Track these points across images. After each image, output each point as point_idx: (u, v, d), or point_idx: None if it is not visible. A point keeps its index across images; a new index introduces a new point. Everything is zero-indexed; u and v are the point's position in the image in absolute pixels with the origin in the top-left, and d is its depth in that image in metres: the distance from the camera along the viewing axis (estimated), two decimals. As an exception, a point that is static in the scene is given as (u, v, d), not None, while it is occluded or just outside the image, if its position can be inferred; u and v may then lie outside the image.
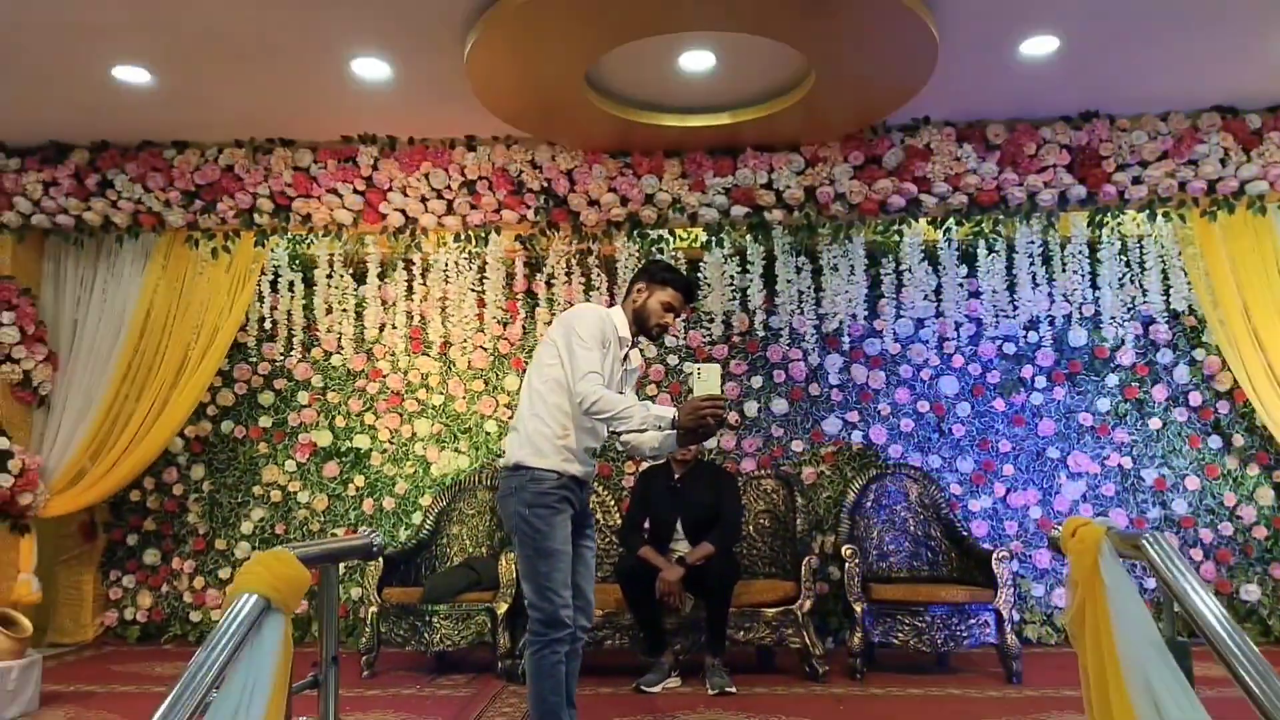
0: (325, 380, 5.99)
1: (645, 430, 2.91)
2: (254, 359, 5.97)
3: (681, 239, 5.41)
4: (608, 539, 5.19)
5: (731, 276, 5.47)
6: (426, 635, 4.75)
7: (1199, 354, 5.56)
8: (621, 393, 3.12)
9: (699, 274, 5.54)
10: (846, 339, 5.64)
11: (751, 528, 5.26)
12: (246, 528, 5.89)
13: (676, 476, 4.74)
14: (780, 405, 5.73)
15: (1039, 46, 4.16)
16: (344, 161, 5.11)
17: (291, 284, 5.74)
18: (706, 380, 2.86)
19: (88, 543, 5.89)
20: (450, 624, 4.75)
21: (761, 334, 5.70)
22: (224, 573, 5.87)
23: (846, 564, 4.69)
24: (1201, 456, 5.53)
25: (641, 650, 4.55)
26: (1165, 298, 5.37)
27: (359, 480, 5.89)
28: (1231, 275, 4.93)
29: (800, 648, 4.58)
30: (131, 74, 4.38)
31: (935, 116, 4.88)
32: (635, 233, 5.12)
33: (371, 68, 4.32)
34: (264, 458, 5.96)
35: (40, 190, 5.16)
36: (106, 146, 5.18)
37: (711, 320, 5.55)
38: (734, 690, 4.24)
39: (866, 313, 5.54)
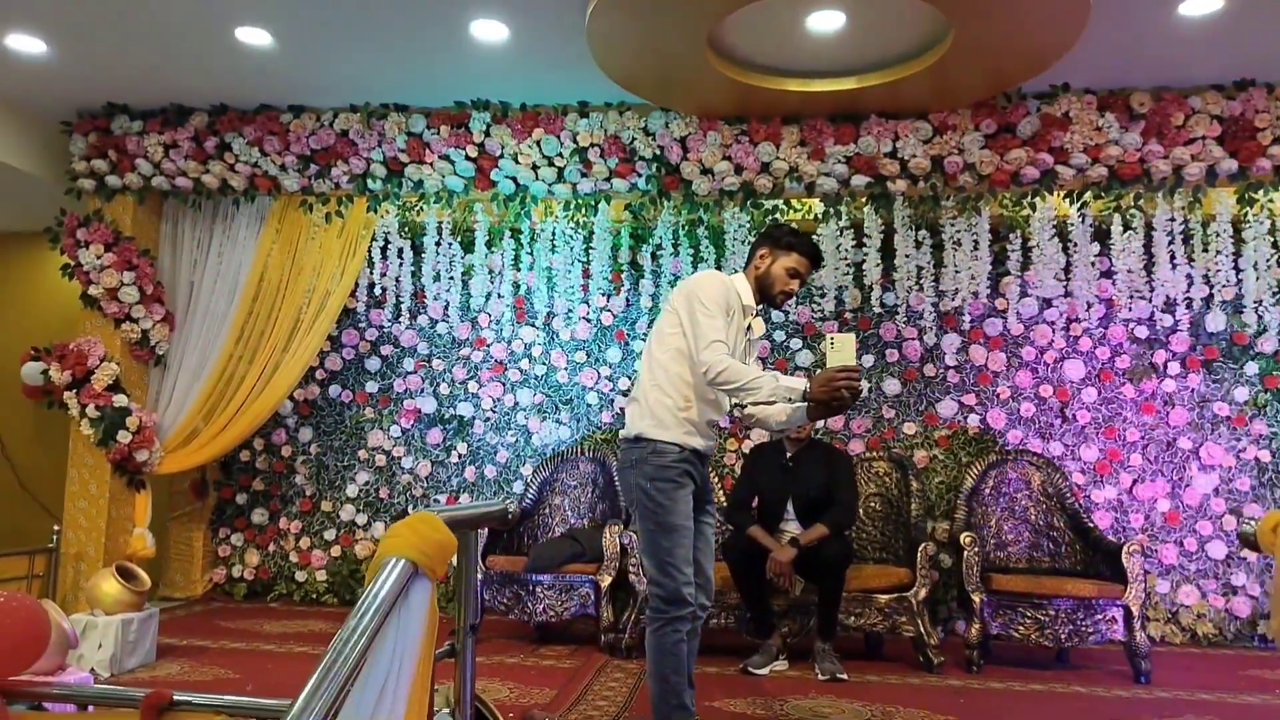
0: (431, 347, 6.01)
1: (774, 403, 2.81)
2: (362, 325, 6.02)
3: (796, 209, 5.23)
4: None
5: (847, 251, 5.27)
6: (530, 605, 4.73)
7: (1352, 342, 5.17)
8: (745, 363, 2.99)
9: (813, 247, 5.35)
10: (966, 318, 5.40)
11: (863, 511, 5.08)
12: (351, 491, 5.96)
13: (789, 455, 4.59)
14: (893, 386, 5.53)
15: (1199, 6, 3.86)
16: (457, 127, 5.07)
17: (401, 251, 5.75)
18: (841, 350, 2.71)
19: (199, 500, 6.05)
20: (554, 594, 4.72)
21: (876, 311, 5.50)
22: (329, 534, 5.96)
23: (965, 552, 4.49)
24: (1351, 452, 5.16)
25: (748, 632, 4.45)
26: (1317, 281, 4.99)
27: (461, 448, 5.91)
28: (1397, 256, 4.55)
29: (913, 636, 4.41)
30: (253, 35, 4.40)
31: (1075, 84, 4.60)
32: (749, 203, 4.96)
33: (490, 30, 4.25)
34: (369, 422, 6.02)
35: (161, 153, 5.25)
36: (225, 110, 5.24)
37: (824, 295, 5.37)
38: (845, 677, 4.10)
39: (989, 291, 5.29)
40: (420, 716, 1.61)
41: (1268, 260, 4.97)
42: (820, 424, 5.39)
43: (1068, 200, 4.98)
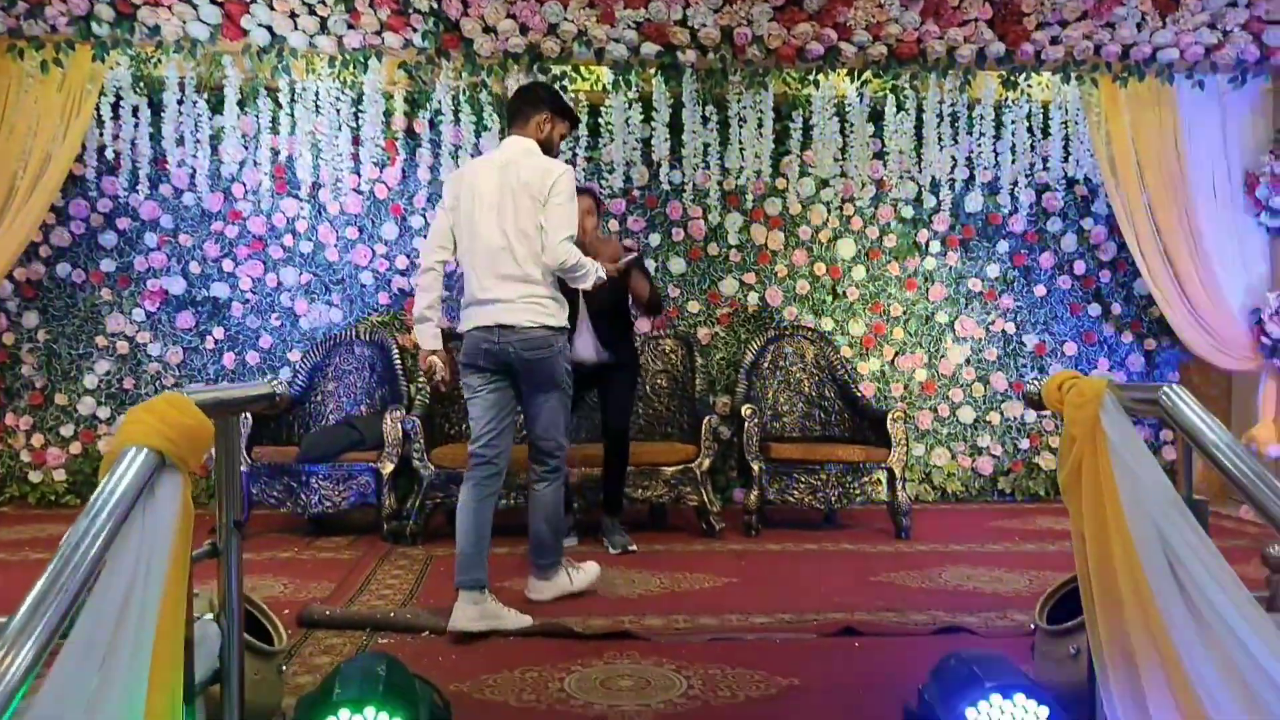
0: (176, 221, 5.37)
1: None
2: (93, 194, 5.27)
3: (585, 78, 5.00)
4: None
5: (635, 126, 5.12)
6: (304, 497, 4.45)
7: (1087, 223, 5.65)
8: None
9: (600, 119, 5.16)
10: (749, 198, 5.43)
11: (649, 388, 5.11)
12: (90, 382, 5.33)
13: None
14: (678, 265, 5.52)
15: (981, -118, 3.90)
16: (198, -36, 4.42)
17: (136, 109, 5.04)
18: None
19: (-100, 397, 5.22)
20: (330, 484, 4.46)
21: (664, 189, 5.42)
22: (66, 430, 5.32)
23: (745, 423, 4.63)
24: (1080, 324, 5.70)
25: None
26: (1063, 166, 5.38)
27: (218, 332, 5.39)
28: (1132, 144, 4.96)
29: (697, 505, 4.53)
30: None
31: (860, -42, 4.60)
32: (535, 67, 4.68)
33: None
34: (107, 305, 5.35)
35: None
36: (-105, -76, 4.30)
37: (611, 172, 5.22)
38: (635, 549, 4.16)
39: (770, 171, 5.33)
40: (176, 623, 1.39)
41: (1024, 144, 5.29)
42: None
43: (848, 79, 5.04)
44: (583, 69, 4.93)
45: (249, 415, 4.37)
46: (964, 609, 3.28)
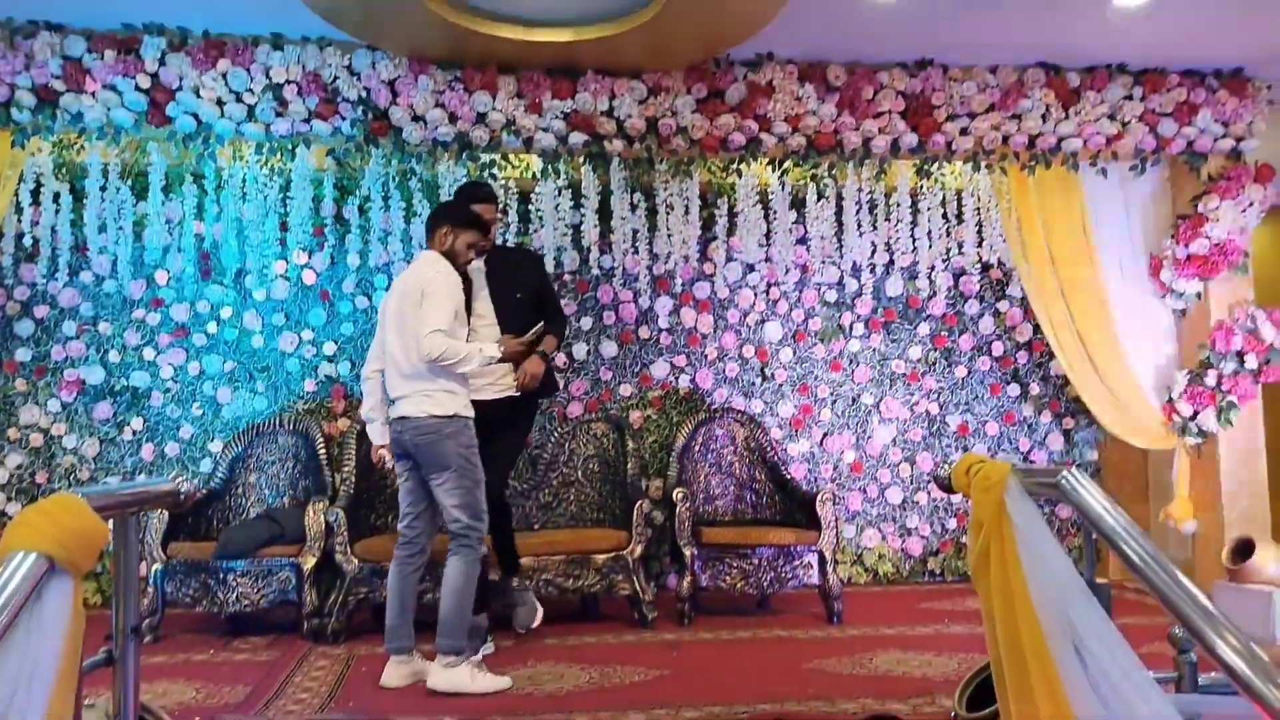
0: (96, 309, 5.25)
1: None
2: (9, 282, 5.15)
3: (514, 166, 5.07)
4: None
5: (565, 212, 5.19)
6: (220, 594, 4.28)
7: (1003, 306, 5.84)
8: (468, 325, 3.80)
9: (530, 206, 5.22)
10: (678, 281, 5.52)
11: (581, 473, 5.08)
12: (0, 476, 5.10)
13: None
14: (610, 348, 5.55)
15: (888, -13, 4.11)
16: (125, 53, 4.40)
17: (57, 195, 4.94)
18: (537, 334, 3.81)
19: None
20: (249, 581, 4.30)
21: (594, 273, 5.48)
22: (-32, 527, 5.08)
23: (677, 508, 4.61)
24: (1001, 404, 5.84)
25: None
26: (977, 250, 5.58)
27: (136, 423, 5.23)
28: (1041, 229, 5.16)
29: (629, 594, 4.47)
30: None
31: (779, 54, 4.78)
32: (464, 155, 4.73)
33: (161, -60, 3.70)
34: (21, 396, 5.17)
35: None
36: None
37: (543, 257, 5.25)
38: (540, 615, 4.04)
39: (698, 255, 5.43)
40: (61, 740, 1.33)
41: (940, 230, 5.48)
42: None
43: (770, 168, 5.20)
44: (512, 157, 5.01)
45: (165, 511, 4.22)
46: (893, 695, 3.26)
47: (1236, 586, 4.42)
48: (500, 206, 4.94)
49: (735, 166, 5.08)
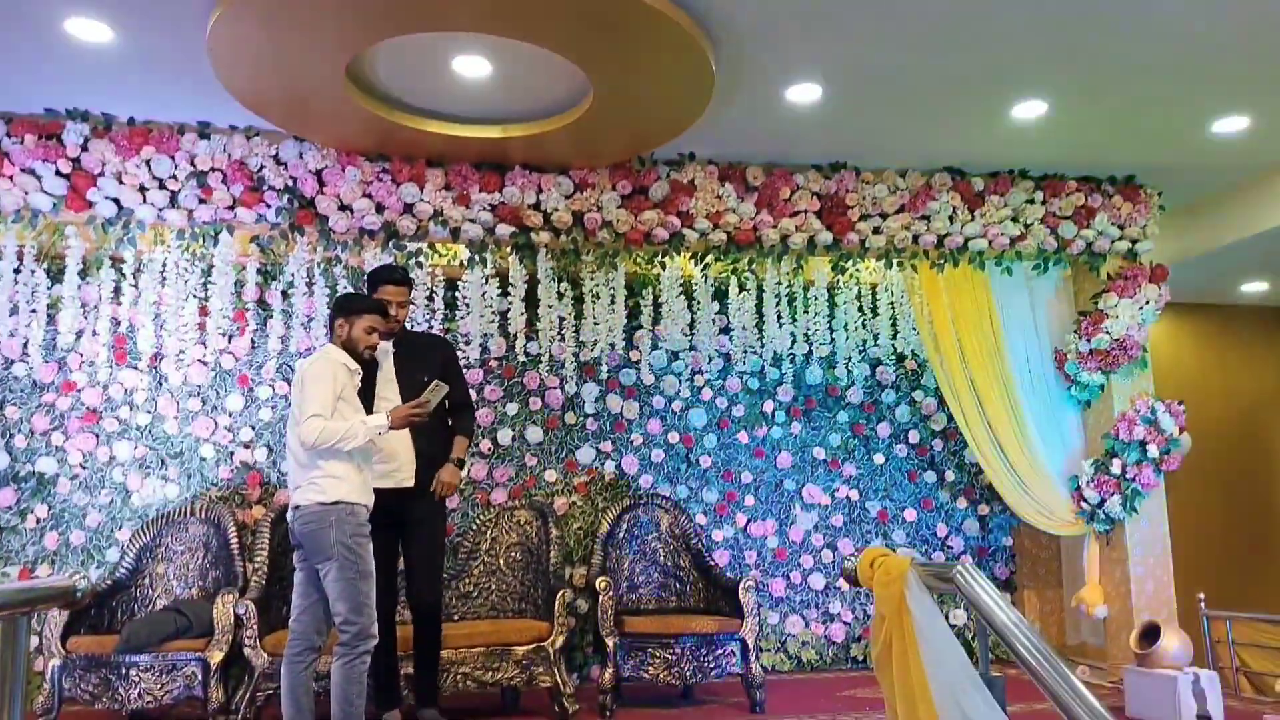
0: (3, 392, 5.09)
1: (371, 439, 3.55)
2: (-93, 363, 4.97)
3: (441, 254, 5.12)
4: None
5: (492, 299, 5.25)
6: (123, 691, 4.10)
7: (918, 395, 6.04)
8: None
9: (457, 293, 5.27)
10: (604, 368, 5.59)
11: (503, 561, 5.02)
12: (-115, 567, 4.85)
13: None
14: (535, 433, 5.56)
15: (804, 94, 4.33)
16: (46, 138, 4.38)
17: (-34, 276, 4.83)
18: (433, 394, 3.66)
19: None
20: (152, 676, 4.13)
21: (520, 360, 5.52)
22: None
23: (600, 596, 4.58)
24: (919, 490, 5.99)
25: (375, 702, 4.07)
26: (892, 342, 5.78)
27: (41, 510, 5.03)
28: (951, 323, 5.38)
29: (550, 686, 4.39)
30: None
31: (700, 154, 4.97)
32: (391, 244, 4.77)
33: (90, 30, 3.71)
34: (-86, 482, 4.95)
35: None
36: None
37: (469, 343, 5.28)
38: None
39: (624, 343, 5.52)
40: None
41: (856, 322, 5.67)
42: (464, 472, 5.19)
43: (693, 261, 5.35)
44: (440, 245, 5.06)
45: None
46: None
47: (1145, 671, 4.54)
48: (426, 292, 4.99)
49: (659, 259, 5.22)
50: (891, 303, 5.70)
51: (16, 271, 4.83)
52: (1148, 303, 5.38)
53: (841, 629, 5.70)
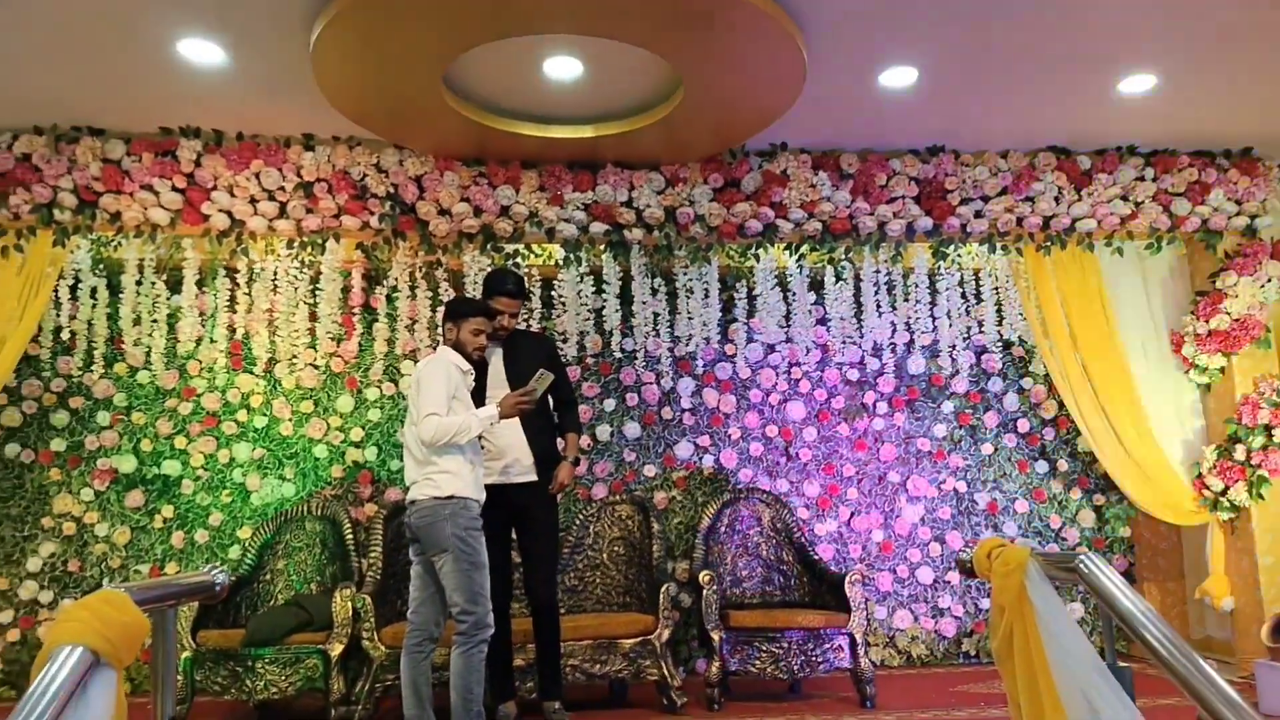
0: (130, 399, 5.37)
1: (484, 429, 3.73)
2: (47, 374, 5.28)
3: (537, 254, 5.20)
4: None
5: (587, 297, 5.30)
6: (249, 682, 4.28)
7: (1027, 383, 5.85)
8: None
9: (553, 292, 5.34)
10: (699, 363, 5.59)
11: (605, 556, 5.07)
12: (34, 565, 5.17)
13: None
14: (633, 429, 5.59)
15: (899, 78, 4.25)
16: (162, 155, 4.61)
17: (94, 290, 5.11)
18: (540, 382, 3.73)
19: None
20: (277, 669, 4.30)
21: (616, 356, 5.56)
22: (5, 616, 5.12)
23: (704, 590, 4.58)
24: (1030, 481, 5.81)
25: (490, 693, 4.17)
26: (998, 329, 5.62)
27: (167, 510, 5.30)
28: (1060, 308, 5.19)
29: (657, 679, 4.42)
30: (-95, 39, 3.77)
31: (792, 143, 4.92)
32: (489, 246, 4.87)
33: (202, 51, 3.90)
34: (56, 485, 5.27)
35: None
36: None
37: (565, 340, 5.35)
38: None
39: (719, 337, 5.50)
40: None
41: (959, 309, 5.53)
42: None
43: (787, 252, 5.30)
44: (535, 246, 5.14)
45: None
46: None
47: (1278, 665, 4.31)
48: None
49: (753, 251, 5.18)
50: (996, 288, 5.53)
51: (138, 284, 5.10)
52: (1269, 280, 5.10)
53: (952, 624, 5.57)
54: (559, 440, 4.21)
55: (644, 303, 5.26)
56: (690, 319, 5.30)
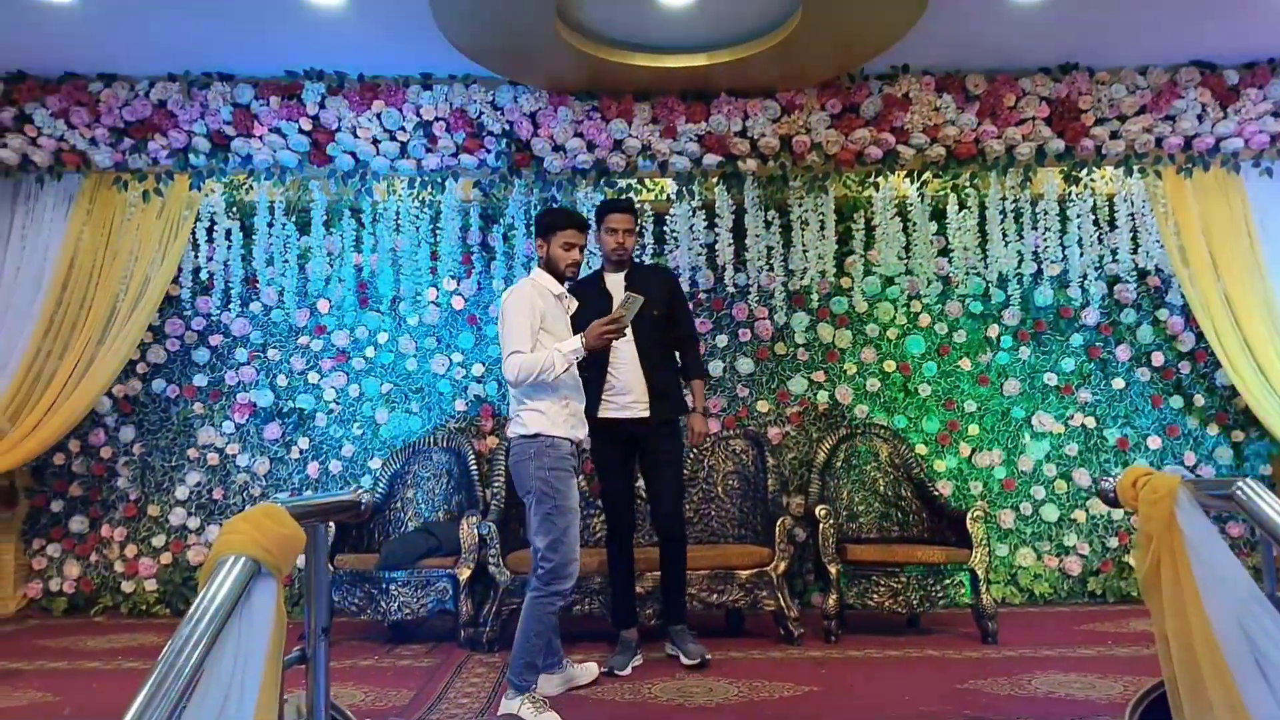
0: (265, 336, 5.63)
1: (570, 367, 3.40)
2: (188, 313, 5.58)
3: (649, 189, 5.18)
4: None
5: (699, 232, 5.27)
6: (384, 603, 4.51)
7: (1162, 314, 5.56)
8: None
9: (665, 227, 5.32)
10: (814, 297, 5.50)
11: (720, 489, 5.10)
12: (181, 493, 5.53)
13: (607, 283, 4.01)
14: (746, 365, 5.57)
15: (1030, -10, 4.03)
16: (288, 99, 4.76)
17: (229, 232, 5.36)
18: (628, 307, 3.39)
19: (7, 509, 5.47)
20: (409, 591, 4.51)
21: (729, 291, 5.52)
22: (157, 540, 5.51)
23: (820, 524, 4.57)
24: (1163, 416, 5.55)
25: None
26: (1132, 257, 5.35)
27: (302, 443, 5.57)
28: (1201, 234, 4.91)
29: (774, 610, 4.45)
30: (53, -7, 3.97)
31: (914, 65, 4.73)
32: (601, 181, 4.87)
33: (324, -8, 3.98)
34: (199, 419, 5.60)
35: (-52, 125, 4.70)
36: (24, 77, 4.74)
37: (679, 276, 5.33)
38: (710, 658, 4.02)
39: (835, 270, 5.40)
40: (269, 731, 1.45)
41: (1091, 237, 5.27)
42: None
43: (908, 180, 5.13)
44: (647, 180, 5.12)
45: (332, 524, 4.49)
46: (1056, 716, 3.15)
47: None
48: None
49: (872, 180, 5.05)
50: (1131, 214, 5.25)
51: (270, 225, 5.31)
52: None
53: (1077, 562, 5.42)
54: (685, 390, 4.17)
55: (757, 236, 5.19)
56: (805, 252, 5.21)
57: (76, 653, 4.50)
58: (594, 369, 3.85)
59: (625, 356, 3.92)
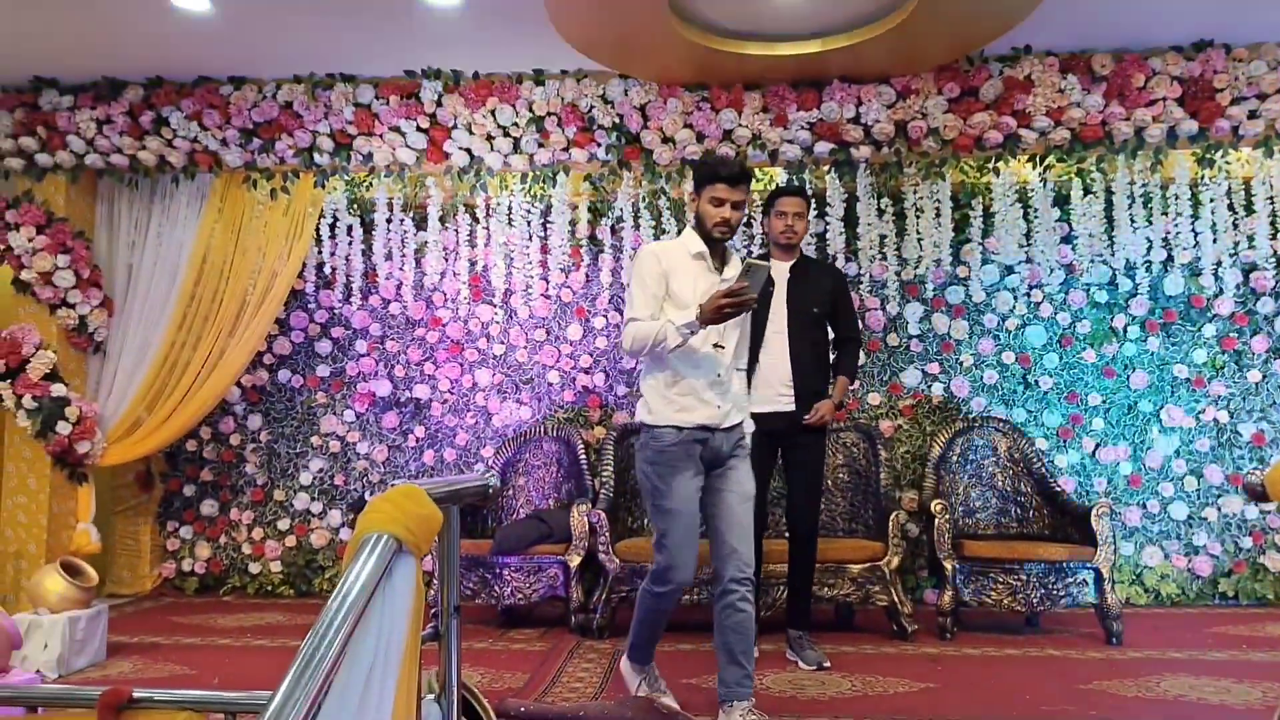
0: (384, 329, 5.82)
1: (687, 340, 2.98)
2: (312, 306, 5.81)
3: (759, 179, 5.14)
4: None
5: (809, 220, 5.19)
6: (497, 588, 4.62)
7: (1303, 303, 5.24)
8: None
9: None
10: (928, 286, 5.37)
11: (831, 482, 5.04)
12: (305, 479, 5.76)
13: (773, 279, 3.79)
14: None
15: (1162, -37, 3.84)
16: (407, 98, 4.89)
17: (350, 228, 5.56)
18: (749, 276, 2.88)
19: (145, 493, 5.81)
20: (521, 577, 4.61)
21: (841, 281, 5.44)
22: (282, 524, 5.75)
23: (936, 519, 4.47)
24: (1304, 412, 5.24)
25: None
26: (1271, 243, 5.05)
27: (419, 431, 5.74)
28: (1351, 217, 4.60)
29: (887, 605, 4.39)
30: (190, 1, 4.16)
31: (1036, 46, 4.57)
32: (712, 172, 4.85)
33: (442, -8, 4.08)
34: (322, 408, 5.82)
35: (94, 129, 4.99)
36: (161, 83, 5.00)
37: (845, 273, 5.24)
38: (829, 665, 3.84)
39: (950, 259, 5.26)
40: (409, 705, 1.49)
41: (1225, 222, 5.00)
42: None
43: (1030, 165, 4.96)
44: (756, 170, 5.08)
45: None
46: (1190, 722, 3.01)
47: None
48: (744, 220, 5.01)
49: (991, 165, 4.90)
50: (1270, 198, 4.95)
51: (389, 221, 5.48)
52: None
53: (1208, 563, 5.16)
54: (830, 380, 4.03)
55: (869, 224, 5.10)
56: (919, 240, 5.09)
57: (208, 629, 4.75)
58: (748, 359, 3.49)
59: (775, 349, 3.83)
